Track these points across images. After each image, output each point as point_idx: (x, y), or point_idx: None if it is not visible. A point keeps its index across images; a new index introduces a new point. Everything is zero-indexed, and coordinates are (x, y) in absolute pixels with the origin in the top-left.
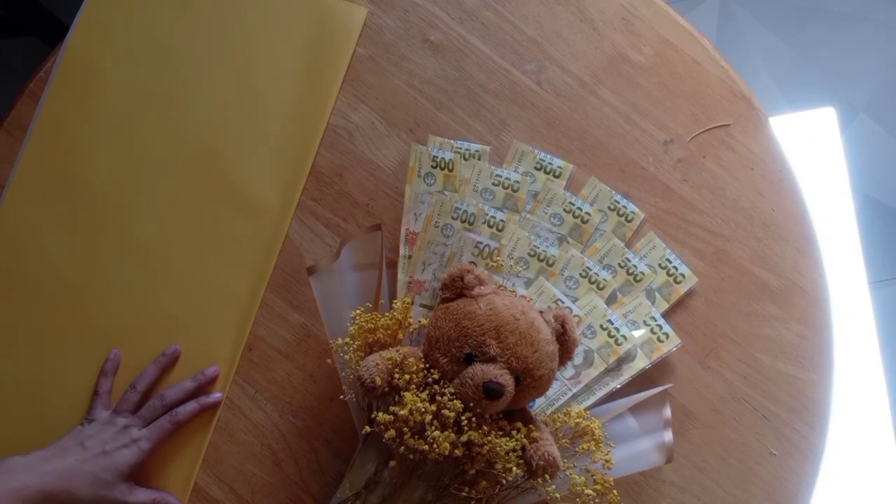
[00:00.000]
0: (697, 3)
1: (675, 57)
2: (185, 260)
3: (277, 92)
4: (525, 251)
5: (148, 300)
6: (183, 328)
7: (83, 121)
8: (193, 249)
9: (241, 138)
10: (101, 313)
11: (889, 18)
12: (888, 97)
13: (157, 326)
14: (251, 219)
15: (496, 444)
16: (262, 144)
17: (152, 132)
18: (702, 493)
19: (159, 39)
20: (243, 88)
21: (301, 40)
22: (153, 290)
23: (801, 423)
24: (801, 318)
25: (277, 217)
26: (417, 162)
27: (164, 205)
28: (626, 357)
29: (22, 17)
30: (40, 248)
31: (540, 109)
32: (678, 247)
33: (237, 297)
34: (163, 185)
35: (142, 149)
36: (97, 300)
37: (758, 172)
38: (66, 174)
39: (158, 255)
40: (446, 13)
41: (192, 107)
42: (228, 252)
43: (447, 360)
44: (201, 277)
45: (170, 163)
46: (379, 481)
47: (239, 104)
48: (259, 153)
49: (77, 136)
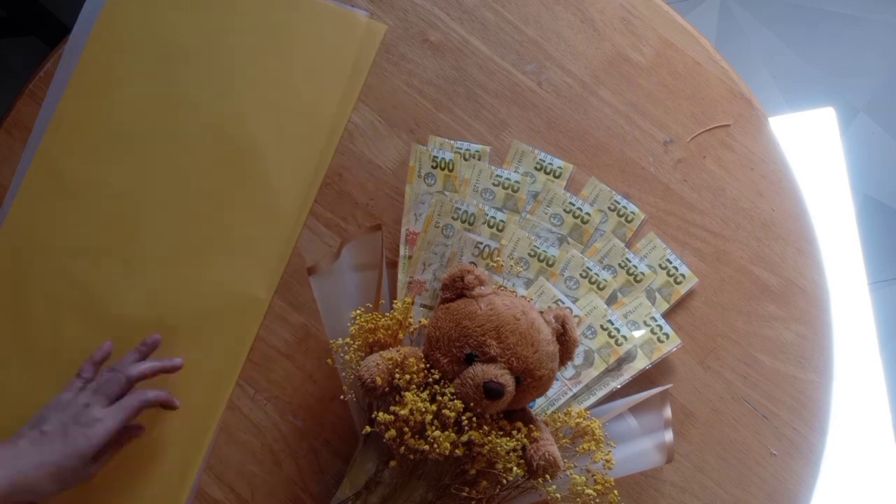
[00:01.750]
0: (697, 3)
1: (675, 57)
2: (196, 260)
3: (295, 100)
4: (525, 251)
5: (159, 302)
6: (192, 329)
7: (98, 122)
8: (205, 250)
9: (257, 144)
10: (113, 313)
11: (889, 19)
12: (888, 97)
13: (166, 328)
14: (265, 222)
15: (497, 444)
16: (278, 151)
17: (167, 134)
18: (702, 493)
19: (177, 44)
20: (261, 94)
21: (322, 51)
22: (164, 292)
23: (801, 423)
24: (801, 318)
25: (291, 222)
26: (418, 162)
27: (176, 206)
28: (626, 357)
29: (22, 17)
30: (52, 250)
31: (540, 110)
32: (678, 247)
33: (250, 300)
34: (177, 187)
35: (156, 150)
36: (108, 298)
37: (758, 172)
38: (77, 175)
39: (169, 256)
40: (446, 13)
41: (210, 110)
42: (241, 253)
43: (448, 360)
44: (212, 278)
45: (185, 165)
46: (379, 481)
47: (256, 108)
48: (274, 159)
49: (91, 137)
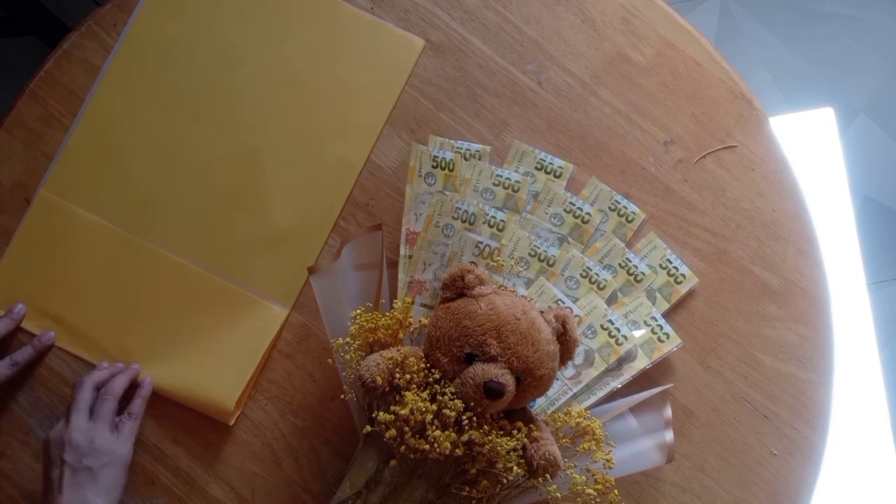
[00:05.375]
0: (698, 3)
1: (675, 57)
2: (219, 269)
3: (330, 110)
4: (526, 251)
5: (171, 308)
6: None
7: (130, 117)
8: (227, 255)
9: (286, 150)
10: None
11: (889, 19)
12: (888, 98)
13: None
14: (279, 247)
15: (497, 444)
16: (305, 162)
17: (198, 133)
18: (702, 493)
19: (216, 46)
20: (297, 102)
21: (361, 63)
22: (177, 301)
23: (801, 423)
24: (801, 318)
25: (313, 235)
26: (418, 162)
27: (200, 207)
28: (626, 357)
29: (22, 16)
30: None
31: (540, 110)
32: (679, 247)
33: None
34: (203, 188)
35: (187, 148)
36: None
37: (758, 173)
38: (106, 169)
39: (191, 256)
40: (447, 13)
41: (243, 112)
42: (265, 263)
43: (448, 359)
44: (232, 295)
45: (215, 164)
46: (380, 481)
47: (291, 116)
48: (301, 170)
49: (122, 133)
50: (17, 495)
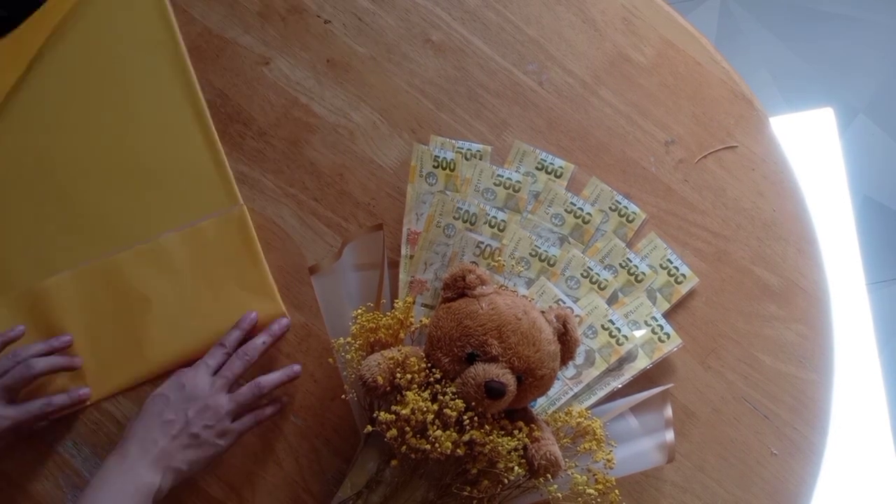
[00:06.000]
0: (698, 3)
1: (676, 57)
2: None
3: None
4: (526, 251)
5: (156, 296)
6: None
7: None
8: (141, 219)
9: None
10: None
11: (889, 19)
12: (887, 98)
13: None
14: (173, 174)
15: (498, 444)
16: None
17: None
18: (703, 493)
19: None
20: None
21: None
22: (153, 287)
23: (801, 423)
24: (801, 318)
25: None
26: (419, 162)
27: (81, 207)
28: (627, 357)
29: (22, 16)
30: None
31: (541, 110)
32: (679, 247)
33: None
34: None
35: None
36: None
37: (759, 173)
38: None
39: (118, 244)
40: (448, 13)
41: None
42: (175, 193)
43: (449, 359)
44: (188, 239)
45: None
46: (380, 480)
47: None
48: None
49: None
50: (18, 495)
